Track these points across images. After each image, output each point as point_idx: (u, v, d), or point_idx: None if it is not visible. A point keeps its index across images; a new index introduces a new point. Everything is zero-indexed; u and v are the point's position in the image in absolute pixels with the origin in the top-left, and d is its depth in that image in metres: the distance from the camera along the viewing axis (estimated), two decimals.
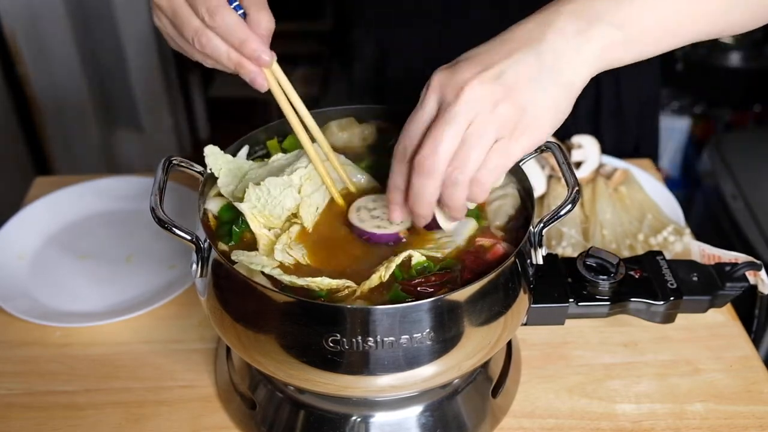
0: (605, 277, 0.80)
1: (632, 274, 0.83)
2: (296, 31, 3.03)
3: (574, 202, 0.72)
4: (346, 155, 0.83)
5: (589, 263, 0.81)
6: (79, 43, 2.41)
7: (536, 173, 1.15)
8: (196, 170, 0.78)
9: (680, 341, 0.96)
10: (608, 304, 0.80)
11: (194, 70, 2.98)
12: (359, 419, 0.80)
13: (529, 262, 0.74)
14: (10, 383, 0.91)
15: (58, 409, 0.87)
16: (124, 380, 0.91)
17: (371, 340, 0.64)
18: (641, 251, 1.06)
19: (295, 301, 0.65)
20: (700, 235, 1.10)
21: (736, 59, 2.52)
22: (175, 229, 0.68)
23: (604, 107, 1.35)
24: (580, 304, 0.80)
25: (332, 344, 0.65)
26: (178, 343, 0.96)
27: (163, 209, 0.69)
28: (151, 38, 2.55)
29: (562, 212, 0.71)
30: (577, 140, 1.20)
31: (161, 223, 0.68)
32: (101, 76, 2.59)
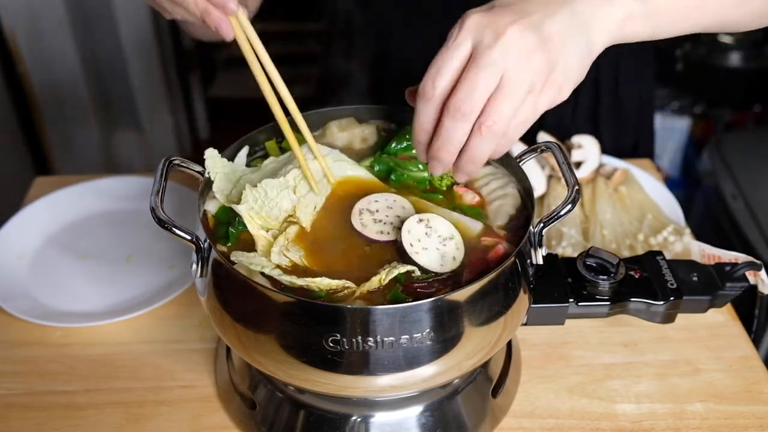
0: (605, 277, 0.80)
1: (632, 274, 0.83)
2: (293, 30, 3.03)
3: (574, 202, 0.72)
4: (346, 155, 0.83)
5: (589, 263, 0.81)
6: (79, 43, 2.41)
7: (536, 173, 1.15)
8: (196, 170, 0.78)
9: (680, 341, 0.96)
10: (608, 304, 0.80)
11: (194, 70, 2.98)
12: (359, 419, 0.80)
13: (529, 262, 0.74)
14: (10, 383, 0.91)
15: (58, 409, 0.87)
16: (124, 380, 0.91)
17: (371, 340, 0.64)
18: (641, 251, 1.06)
19: (295, 301, 0.65)
20: (700, 235, 1.10)
21: (736, 59, 2.51)
22: (175, 229, 0.68)
23: (603, 107, 1.35)
24: (580, 304, 0.80)
25: (332, 344, 0.65)
26: (178, 343, 0.96)
27: (163, 209, 0.69)
28: (151, 38, 2.55)
29: (562, 212, 0.71)
30: (577, 140, 1.20)
31: (161, 223, 0.68)
32: (101, 76, 2.59)
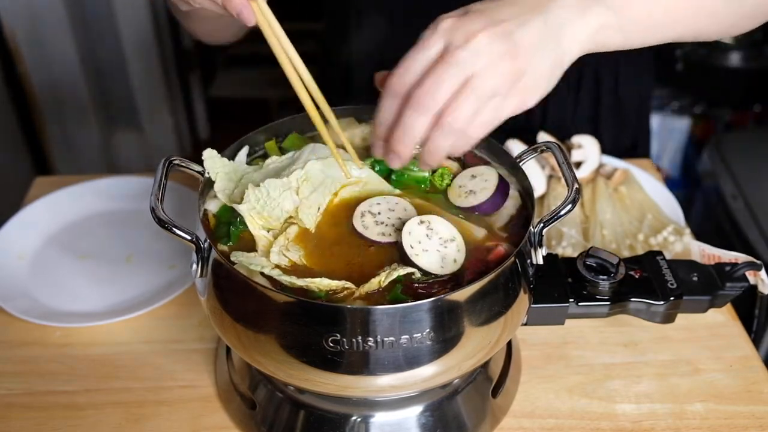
0: (605, 277, 0.80)
1: (632, 274, 0.83)
2: (294, 30, 3.03)
3: (574, 202, 0.72)
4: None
5: (589, 263, 0.81)
6: (79, 43, 2.41)
7: (536, 173, 1.15)
8: (196, 170, 0.78)
9: (680, 341, 0.96)
10: (608, 304, 0.80)
11: (194, 70, 2.98)
12: (359, 419, 0.80)
13: (529, 262, 0.74)
14: (10, 383, 0.91)
15: (58, 409, 0.87)
16: (124, 380, 0.91)
17: (371, 340, 0.64)
18: (641, 251, 1.06)
19: (295, 301, 0.65)
20: (700, 235, 1.10)
21: (736, 59, 2.51)
22: (175, 229, 0.68)
23: (603, 107, 1.35)
24: (580, 304, 0.80)
25: (332, 344, 0.65)
26: (178, 343, 0.96)
27: (163, 209, 0.69)
28: (151, 38, 2.55)
29: (562, 212, 0.71)
30: (577, 140, 1.20)
31: (161, 223, 0.68)
32: (101, 76, 2.59)
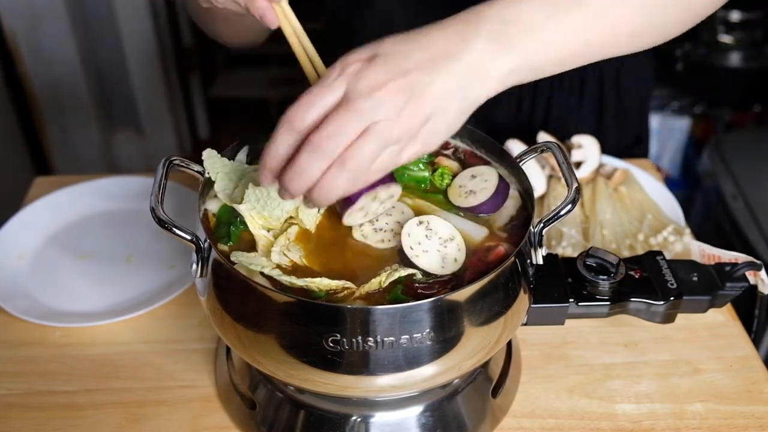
0: (605, 277, 0.80)
1: (632, 274, 0.83)
2: None
3: (574, 202, 0.72)
4: None
5: (589, 263, 0.81)
6: (79, 43, 2.41)
7: (536, 173, 1.15)
8: (196, 170, 0.78)
9: (680, 341, 0.96)
10: (608, 304, 0.80)
11: (194, 70, 2.98)
12: (359, 419, 0.80)
13: (529, 262, 0.74)
14: (10, 383, 0.91)
15: (58, 409, 0.87)
16: (124, 380, 0.91)
17: (371, 340, 0.64)
18: (641, 251, 1.06)
19: (295, 301, 0.65)
20: (700, 235, 1.09)
21: (736, 59, 2.52)
22: (175, 229, 0.68)
23: (605, 107, 1.35)
24: (580, 304, 0.80)
25: (332, 344, 0.65)
26: (178, 343, 0.96)
27: (163, 209, 0.69)
28: (151, 38, 2.55)
29: (562, 212, 0.71)
30: (577, 140, 1.20)
31: (161, 223, 0.68)
32: (101, 76, 2.59)
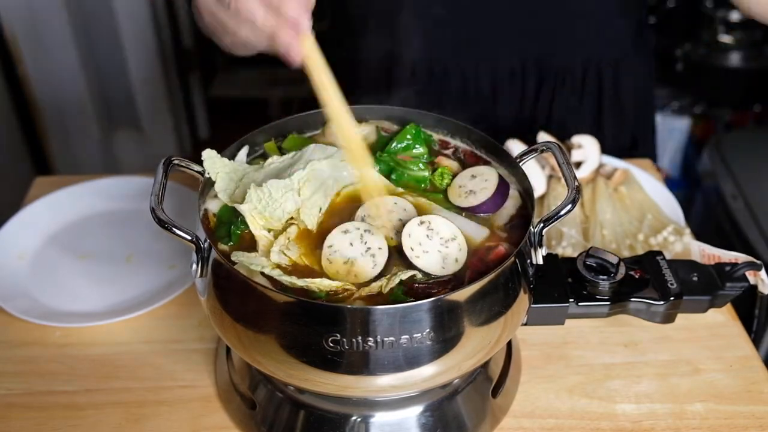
0: (605, 277, 0.80)
1: (632, 274, 0.83)
2: None
3: (574, 202, 0.72)
4: None
5: (589, 263, 0.81)
6: (79, 43, 2.41)
7: (536, 173, 1.15)
8: (196, 170, 0.78)
9: (680, 341, 0.96)
10: (608, 304, 0.80)
11: (194, 70, 2.98)
12: (359, 419, 0.80)
13: (529, 262, 0.74)
14: (10, 383, 0.91)
15: (58, 409, 0.87)
16: (124, 380, 0.91)
17: (371, 340, 0.64)
18: (641, 251, 1.06)
19: (295, 301, 0.65)
20: (700, 235, 1.09)
21: (736, 59, 2.51)
22: (175, 229, 0.68)
23: (605, 107, 1.35)
24: (580, 304, 0.80)
25: (332, 344, 0.65)
26: (178, 343, 0.96)
27: (163, 209, 0.69)
28: (151, 38, 2.55)
29: (562, 212, 0.71)
30: (577, 140, 1.20)
31: (161, 223, 0.68)
32: (101, 76, 2.59)
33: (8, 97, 2.32)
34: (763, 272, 0.85)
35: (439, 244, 0.71)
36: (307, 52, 0.68)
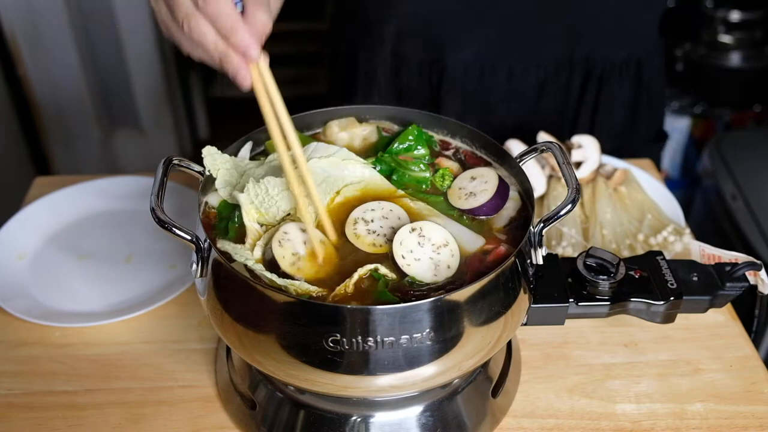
0: (605, 277, 0.80)
1: (632, 274, 0.83)
2: (297, 30, 3.03)
3: (574, 202, 0.72)
4: None
5: (589, 263, 0.81)
6: (79, 43, 2.41)
7: (536, 173, 1.15)
8: (196, 170, 0.79)
9: (680, 341, 0.96)
10: (608, 304, 0.80)
11: (194, 70, 2.98)
12: (359, 419, 0.80)
13: (529, 262, 0.74)
14: (10, 383, 0.91)
15: (58, 409, 0.87)
16: (124, 380, 0.91)
17: (371, 340, 0.64)
18: (641, 251, 1.06)
19: (295, 301, 0.65)
20: (700, 235, 1.10)
21: (736, 59, 2.51)
22: (175, 229, 0.68)
23: (641, 100, 1.38)
24: (580, 304, 0.80)
25: (332, 344, 0.65)
26: (178, 343, 0.96)
27: (163, 209, 0.69)
28: (151, 38, 2.55)
29: (562, 212, 0.71)
30: (577, 140, 1.20)
31: (161, 223, 0.68)
32: (101, 76, 2.59)
33: (8, 97, 2.32)
34: (763, 272, 0.85)
35: (430, 251, 0.71)
36: (255, 78, 0.70)
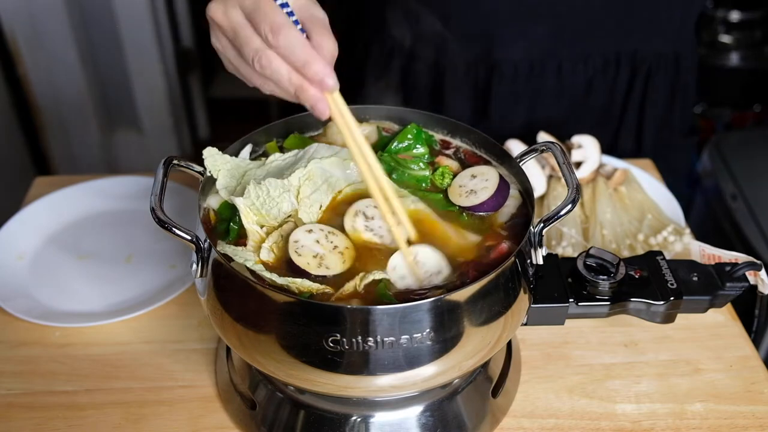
0: (605, 277, 0.80)
1: (632, 274, 0.83)
2: None
3: (574, 202, 0.72)
4: None
5: (589, 263, 0.81)
6: (79, 43, 2.41)
7: (536, 173, 1.15)
8: (196, 170, 0.79)
9: (680, 341, 0.96)
10: (608, 304, 0.80)
11: (194, 70, 2.98)
12: (359, 419, 0.80)
13: (529, 262, 0.74)
14: (10, 383, 0.91)
15: (58, 409, 0.87)
16: (124, 380, 0.91)
17: (371, 340, 0.64)
18: (641, 251, 1.06)
19: (295, 301, 0.65)
20: (700, 235, 1.10)
21: (736, 59, 2.51)
22: (175, 229, 0.68)
23: (678, 94, 1.38)
24: (580, 304, 0.80)
25: (332, 344, 0.65)
26: (178, 343, 0.96)
27: (163, 209, 0.69)
28: (151, 38, 2.55)
29: (562, 212, 0.71)
30: (577, 140, 1.20)
31: (161, 223, 0.68)
32: (101, 76, 2.59)
33: (8, 97, 2.32)
34: (763, 272, 0.85)
35: (423, 276, 0.72)
36: (333, 107, 0.69)
